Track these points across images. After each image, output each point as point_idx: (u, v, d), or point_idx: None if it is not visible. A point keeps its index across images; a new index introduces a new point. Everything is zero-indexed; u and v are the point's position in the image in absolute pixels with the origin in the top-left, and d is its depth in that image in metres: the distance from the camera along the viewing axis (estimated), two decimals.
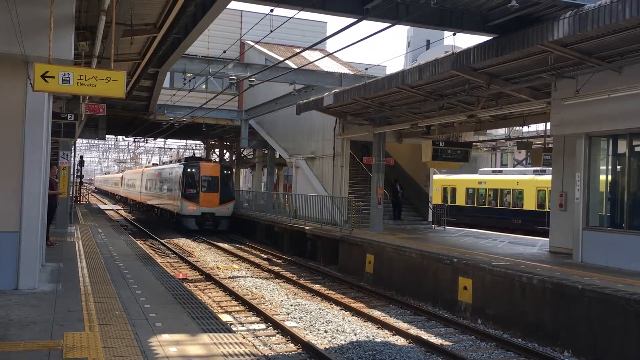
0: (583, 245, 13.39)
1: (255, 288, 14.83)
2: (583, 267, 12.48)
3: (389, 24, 12.28)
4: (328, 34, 42.54)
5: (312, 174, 25.95)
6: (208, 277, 15.95)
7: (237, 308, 12.58)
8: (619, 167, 13.57)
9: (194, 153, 38.36)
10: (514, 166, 42.51)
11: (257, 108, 33.26)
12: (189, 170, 29.33)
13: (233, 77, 24.20)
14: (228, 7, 16.21)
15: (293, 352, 9.66)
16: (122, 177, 59.71)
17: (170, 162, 39.00)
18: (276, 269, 18.15)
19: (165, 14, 12.85)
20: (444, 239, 19.03)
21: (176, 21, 13.12)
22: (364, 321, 11.87)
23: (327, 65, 31.90)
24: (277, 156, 34.99)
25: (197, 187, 29.04)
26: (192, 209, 28.63)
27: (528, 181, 30.62)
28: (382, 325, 11.44)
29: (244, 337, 8.45)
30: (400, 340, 10.51)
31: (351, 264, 18.07)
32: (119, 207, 51.61)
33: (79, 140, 35.38)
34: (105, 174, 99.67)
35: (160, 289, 9.94)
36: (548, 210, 15.98)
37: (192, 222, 28.69)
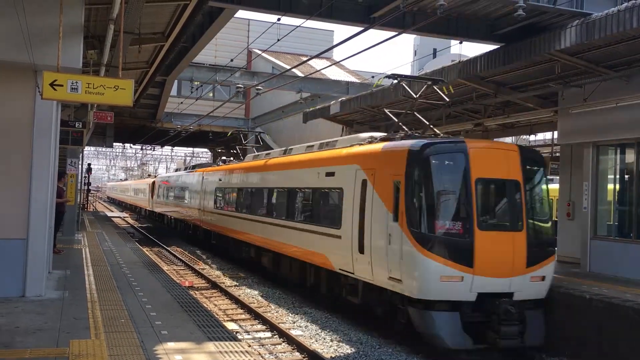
0: (591, 254, 13.30)
1: (261, 296, 14.81)
2: (591, 277, 12.39)
3: (396, 33, 12.32)
4: (335, 43, 42.76)
5: None
6: (214, 285, 15.93)
7: (243, 316, 12.56)
8: (627, 176, 13.49)
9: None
10: None
11: (263, 116, 33.40)
12: (435, 162, 10.04)
13: (240, 86, 24.33)
14: (235, 16, 16.35)
15: None
16: (152, 183, 40.17)
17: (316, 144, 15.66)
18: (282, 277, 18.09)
19: (173, 23, 12.95)
20: None
21: (184, 30, 13.22)
22: (370, 330, 11.81)
23: (334, 73, 32.01)
24: None
25: (466, 213, 9.86)
26: (451, 283, 9.48)
27: None
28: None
29: (249, 346, 8.44)
30: (406, 350, 10.44)
31: None
32: (126, 215, 51.68)
33: (86, 148, 35.56)
34: (123, 179, 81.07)
35: (166, 296, 9.95)
36: (555, 219, 16.00)
37: (452, 322, 9.43)
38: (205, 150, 56.73)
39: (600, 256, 13.08)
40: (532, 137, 33.83)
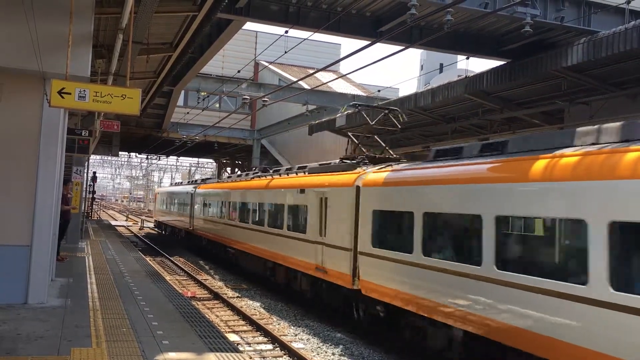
0: None
1: (263, 308, 14.76)
2: None
3: (403, 47, 12.36)
4: (342, 56, 43.00)
5: None
6: (216, 296, 15.89)
7: (245, 328, 12.51)
8: None
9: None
10: None
11: (269, 128, 33.48)
12: None
13: (246, 97, 24.42)
14: (243, 27, 16.46)
15: None
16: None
17: None
18: (279, 287, 18.03)
19: (182, 34, 13.04)
20: None
21: (192, 41, 13.31)
22: (372, 345, 11.73)
23: (340, 86, 32.13)
24: None
25: None
26: None
27: None
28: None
29: (250, 358, 8.39)
30: None
31: None
32: (130, 224, 51.72)
33: (92, 156, 35.67)
34: (221, 177, 40.58)
35: (168, 306, 9.92)
36: None
37: None
38: (211, 160, 56.90)
39: None
40: None
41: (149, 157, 53.29)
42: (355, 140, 13.54)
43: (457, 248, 8.39)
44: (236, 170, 48.20)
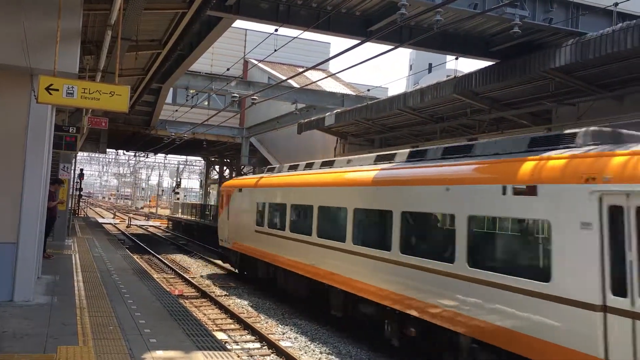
0: None
1: (251, 306, 14.75)
2: None
3: (392, 47, 12.40)
4: (331, 55, 42.97)
5: None
6: (204, 294, 15.85)
7: (233, 326, 12.49)
8: None
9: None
10: None
11: (258, 126, 33.39)
12: None
13: (235, 95, 24.32)
14: (232, 25, 16.40)
15: None
16: None
17: None
18: (272, 288, 18.01)
19: (171, 31, 12.98)
20: None
21: (181, 38, 13.25)
22: (360, 343, 11.76)
23: (330, 85, 32.13)
24: None
25: None
26: None
27: None
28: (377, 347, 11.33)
29: (238, 356, 8.39)
30: None
31: None
32: (117, 221, 51.43)
33: (79, 153, 35.38)
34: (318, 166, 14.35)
35: (155, 304, 9.89)
36: None
37: None
38: (199, 158, 56.71)
39: None
40: None
41: (137, 154, 52.98)
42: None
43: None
44: (224, 168, 47.86)
